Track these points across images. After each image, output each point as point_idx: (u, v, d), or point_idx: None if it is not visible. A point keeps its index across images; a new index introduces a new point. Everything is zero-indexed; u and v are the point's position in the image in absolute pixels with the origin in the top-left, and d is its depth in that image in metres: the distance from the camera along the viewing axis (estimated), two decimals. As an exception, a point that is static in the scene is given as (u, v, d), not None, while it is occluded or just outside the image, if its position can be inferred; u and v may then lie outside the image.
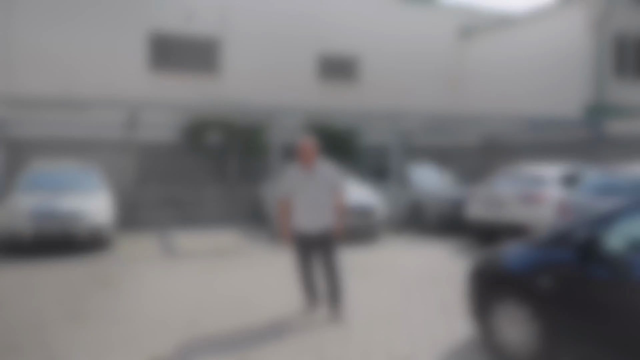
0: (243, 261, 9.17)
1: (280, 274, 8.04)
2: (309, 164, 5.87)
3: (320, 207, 5.81)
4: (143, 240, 11.45)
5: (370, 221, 11.28)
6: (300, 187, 5.85)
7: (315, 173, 5.87)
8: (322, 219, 5.81)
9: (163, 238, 11.77)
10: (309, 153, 5.85)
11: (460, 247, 10.74)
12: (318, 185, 5.85)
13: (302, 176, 5.89)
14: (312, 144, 5.92)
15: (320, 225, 5.79)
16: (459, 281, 7.54)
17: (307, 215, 5.81)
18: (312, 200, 5.80)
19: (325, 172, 5.93)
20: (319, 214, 5.80)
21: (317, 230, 5.79)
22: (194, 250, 10.28)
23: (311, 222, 5.80)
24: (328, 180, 5.90)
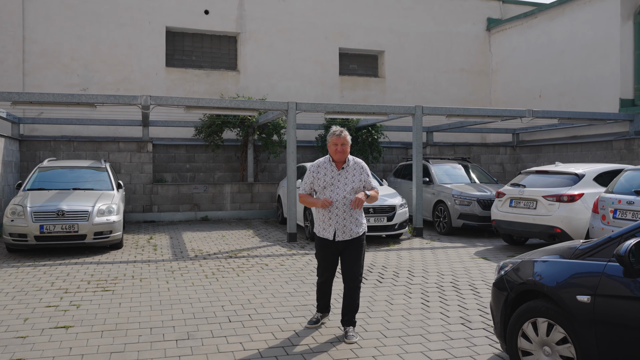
0: (254, 263, 8.70)
1: (291, 278, 7.55)
2: (341, 159, 5.16)
3: (345, 208, 5.11)
4: (155, 239, 11.09)
5: (392, 221, 10.72)
6: (328, 185, 5.15)
7: (345, 171, 5.18)
8: (351, 223, 5.13)
9: (175, 237, 11.39)
10: (341, 147, 5.10)
11: (486, 251, 10.10)
12: (348, 186, 5.14)
13: (330, 173, 5.17)
14: (346, 136, 5.15)
15: (348, 230, 5.13)
16: (484, 289, 6.95)
17: (334, 218, 5.11)
18: (345, 200, 5.11)
19: (357, 171, 5.22)
20: (350, 216, 5.12)
21: (345, 236, 5.13)
22: (205, 251, 9.86)
23: (339, 227, 5.11)
24: (360, 182, 5.18)
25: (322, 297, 5.48)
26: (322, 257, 5.28)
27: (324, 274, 5.33)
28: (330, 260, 5.28)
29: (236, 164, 16.09)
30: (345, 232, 5.12)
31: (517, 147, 17.96)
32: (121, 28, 15.70)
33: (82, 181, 10.56)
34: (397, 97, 18.13)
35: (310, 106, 11.24)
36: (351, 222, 5.13)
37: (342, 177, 5.16)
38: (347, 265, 5.16)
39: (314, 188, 5.26)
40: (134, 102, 10.22)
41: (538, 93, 17.28)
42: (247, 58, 16.87)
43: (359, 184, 5.17)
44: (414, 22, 18.58)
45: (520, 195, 9.89)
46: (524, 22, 18.00)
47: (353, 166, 5.23)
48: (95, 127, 15.17)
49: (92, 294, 6.69)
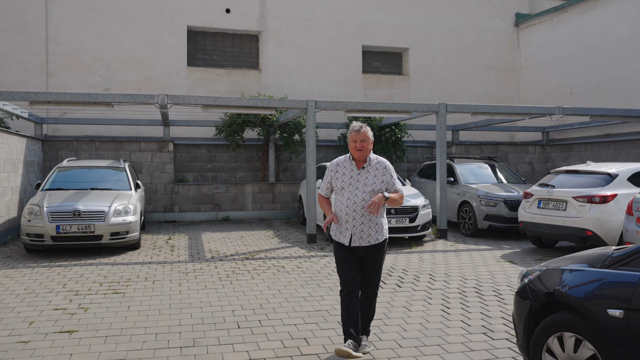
0: (270, 265, 8.47)
1: (307, 282, 7.29)
2: (362, 158, 4.68)
3: (363, 211, 4.59)
4: (173, 240, 10.97)
5: (414, 222, 10.38)
6: (347, 185, 4.66)
7: (366, 171, 4.68)
8: (370, 228, 4.62)
9: (194, 238, 11.25)
10: (361, 144, 4.61)
11: (513, 254, 9.68)
12: (368, 187, 4.63)
13: (350, 172, 4.69)
14: (366, 132, 4.65)
15: (366, 235, 4.62)
16: (508, 296, 6.58)
17: (352, 222, 4.60)
18: (360, 203, 4.58)
19: (379, 171, 4.69)
20: (369, 220, 4.61)
21: (362, 242, 4.62)
22: (222, 252, 9.68)
23: (356, 231, 4.61)
24: (382, 183, 4.66)
25: (348, 315, 4.57)
26: (340, 263, 4.69)
27: (347, 284, 4.63)
28: (351, 265, 4.66)
29: (257, 163, 15.92)
30: (363, 238, 4.61)
31: (546, 146, 17.37)
32: (143, 28, 15.68)
33: (100, 181, 10.50)
34: (422, 95, 17.72)
35: (330, 104, 10.97)
36: (370, 227, 4.61)
37: (362, 177, 4.65)
38: (364, 274, 4.73)
39: (333, 188, 4.83)
40: (151, 101, 10.11)
41: (569, 90, 16.67)
42: (269, 56, 16.68)
43: (380, 185, 4.65)
44: (440, 18, 18.13)
45: (549, 196, 9.45)
46: (554, 17, 17.40)
47: (375, 166, 4.71)
48: (117, 127, 15.17)
49: (102, 297, 6.55)
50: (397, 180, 4.79)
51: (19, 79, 14.48)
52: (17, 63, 14.64)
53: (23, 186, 11.69)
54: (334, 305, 6.21)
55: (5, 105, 10.88)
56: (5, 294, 6.63)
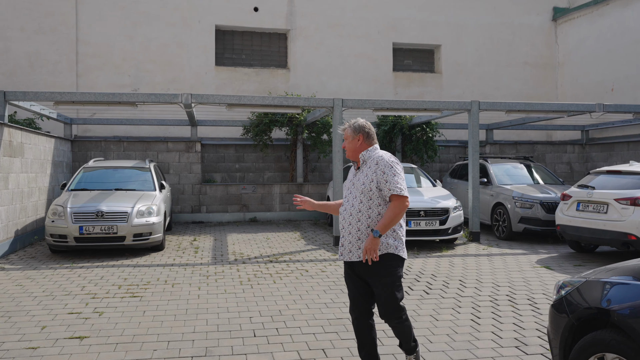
0: (294, 269, 8.21)
1: (330, 287, 6.99)
2: (353, 158, 4.02)
3: (357, 220, 3.85)
4: (199, 241, 10.82)
5: (445, 225, 9.97)
6: (347, 190, 4.03)
7: (361, 172, 3.93)
8: (359, 240, 3.84)
9: (219, 239, 11.08)
10: (346, 145, 4.04)
11: (549, 259, 9.18)
12: (358, 190, 3.89)
13: (351, 176, 4.06)
14: (346, 130, 4.02)
15: (355, 248, 3.85)
16: (544, 305, 6.15)
17: (341, 232, 3.98)
18: (349, 210, 3.91)
19: (371, 169, 3.85)
20: (357, 231, 3.85)
21: (351, 256, 3.88)
22: (246, 254, 9.47)
23: (345, 242, 3.92)
24: (371, 182, 3.81)
25: (360, 343, 4.01)
26: (345, 281, 4.07)
27: (351, 309, 4.02)
28: (355, 285, 3.97)
29: (286, 163, 15.71)
30: (352, 252, 3.86)
31: (586, 145, 16.65)
32: (171, 28, 15.65)
33: (125, 181, 10.43)
34: (455, 93, 17.22)
35: (357, 102, 10.64)
36: (359, 239, 3.82)
37: (357, 179, 3.95)
38: (376, 299, 3.91)
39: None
40: (175, 100, 9.97)
41: (610, 86, 15.94)
42: (297, 55, 16.45)
43: (369, 185, 3.80)
44: (473, 14, 17.59)
45: (589, 198, 8.92)
46: (594, 10, 16.67)
47: (369, 163, 3.90)
48: (146, 127, 15.17)
49: (119, 300, 6.39)
50: (395, 178, 3.77)
51: (50, 80, 14.62)
52: (47, 64, 14.78)
53: (51, 186, 11.74)
54: (356, 312, 5.89)
55: (32, 106, 10.92)
56: (23, 297, 6.54)
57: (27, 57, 14.65)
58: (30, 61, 14.68)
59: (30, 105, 10.77)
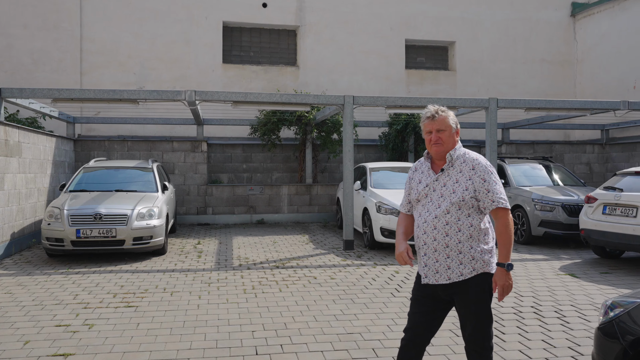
0: (301, 276, 7.73)
1: (340, 296, 6.50)
2: (440, 155, 3.29)
3: (445, 235, 3.23)
4: (203, 244, 10.38)
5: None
6: (422, 197, 3.35)
7: (446, 175, 3.28)
8: (449, 258, 3.24)
9: (224, 243, 10.63)
10: (437, 136, 3.26)
11: (573, 265, 8.63)
12: (445, 200, 3.24)
13: (426, 178, 3.35)
14: (445, 119, 3.27)
15: (443, 269, 3.26)
16: (574, 317, 5.59)
17: (423, 249, 3.33)
18: (432, 223, 3.26)
19: (464, 173, 3.24)
20: (446, 247, 3.23)
21: (438, 278, 3.27)
22: (252, 259, 9.00)
23: (429, 262, 3.30)
24: (466, 190, 3.20)
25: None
26: (411, 300, 3.46)
27: (408, 330, 3.42)
28: (420, 309, 3.36)
29: (294, 164, 15.23)
30: (440, 273, 3.25)
31: (606, 145, 16.02)
32: (178, 24, 15.24)
33: (126, 182, 10.00)
34: (470, 91, 16.66)
35: (369, 100, 10.14)
36: (449, 257, 3.22)
37: (440, 185, 3.28)
38: (462, 326, 3.29)
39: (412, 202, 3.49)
40: (178, 97, 9.53)
41: (632, 84, 15.31)
42: (307, 52, 15.97)
43: (463, 194, 3.18)
44: (489, 10, 17.01)
45: (617, 201, 8.35)
46: (615, 5, 16.03)
47: (459, 166, 3.25)
48: (150, 126, 14.77)
49: (112, 311, 5.94)
50: (497, 187, 3.18)
51: (54, 78, 14.25)
52: (51, 62, 14.42)
53: (52, 187, 11.35)
54: (368, 326, 5.41)
55: (32, 104, 10.52)
56: (10, 306, 6.11)
57: (30, 55, 14.30)
58: (34, 59, 14.33)
59: (29, 102, 10.38)
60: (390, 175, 11.15)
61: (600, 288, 7.04)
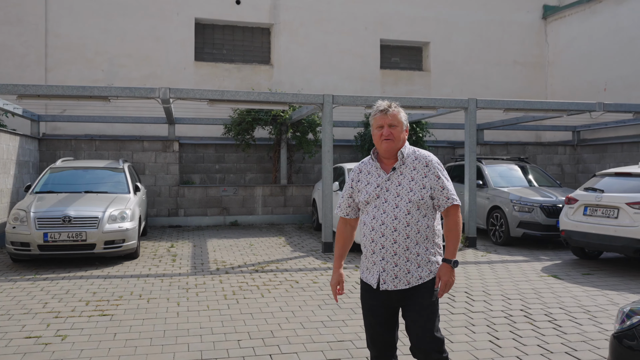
0: (282, 280, 7.47)
1: (325, 301, 6.27)
2: (390, 152, 3.14)
3: (406, 237, 3.07)
4: (176, 247, 10.01)
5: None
6: (373, 199, 3.14)
7: (399, 173, 3.13)
8: (408, 262, 3.09)
9: (199, 246, 10.29)
10: (389, 131, 3.09)
11: (554, 267, 8.60)
12: (402, 199, 3.09)
13: (376, 179, 3.16)
14: (397, 114, 3.12)
15: (403, 273, 3.09)
16: (565, 321, 5.48)
17: (380, 253, 3.11)
18: (391, 225, 3.08)
19: (419, 171, 3.12)
20: (406, 250, 3.08)
21: (397, 283, 3.09)
22: (229, 263, 8.70)
23: (387, 267, 3.10)
24: (423, 189, 3.09)
25: None
26: (365, 313, 3.24)
27: (373, 346, 3.23)
28: (373, 320, 3.19)
29: (268, 164, 14.94)
30: (399, 277, 3.07)
31: (577, 146, 16.23)
32: (148, 20, 14.77)
33: (96, 183, 9.57)
34: (444, 92, 16.66)
35: (349, 99, 9.96)
36: (408, 260, 3.07)
37: (394, 184, 3.10)
38: (413, 332, 3.09)
39: (357, 204, 3.27)
40: (152, 95, 9.16)
41: (602, 86, 15.53)
42: (281, 51, 15.70)
43: (421, 192, 3.07)
44: (463, 11, 17.04)
45: (598, 202, 8.35)
46: (586, 8, 16.26)
47: (412, 164, 3.13)
48: (120, 125, 14.27)
49: (86, 320, 5.57)
50: (449, 183, 3.14)
51: (16, 74, 13.61)
52: (14, 57, 13.78)
53: (15, 188, 10.80)
54: (358, 333, 5.19)
55: (-6, 100, 9.99)
56: (-27, 316, 5.69)
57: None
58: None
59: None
60: (368, 176, 10.96)
61: (586, 290, 7.00)
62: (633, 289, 7.03)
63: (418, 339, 3.07)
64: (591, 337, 5.12)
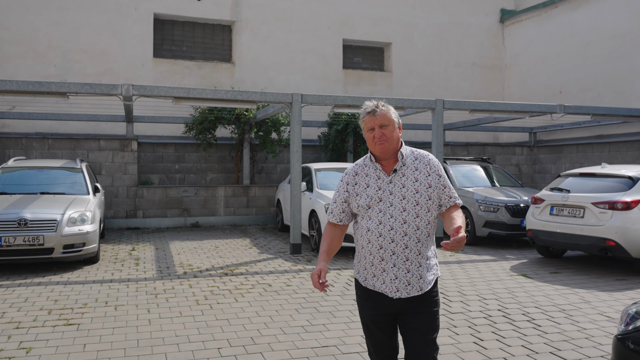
0: (254, 283, 7.26)
1: (302, 305, 6.10)
2: (387, 153, 2.98)
3: (417, 241, 2.92)
4: (138, 251, 9.62)
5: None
6: (375, 203, 2.96)
7: (401, 175, 2.98)
8: (419, 266, 2.93)
9: (162, 248, 9.92)
10: (380, 132, 2.92)
11: (522, 265, 8.71)
12: (408, 202, 2.93)
13: (376, 181, 2.99)
14: (387, 113, 2.95)
15: (415, 279, 2.92)
16: (543, 320, 5.50)
17: (389, 259, 2.93)
18: (400, 230, 2.90)
19: (421, 171, 2.98)
20: (414, 255, 2.92)
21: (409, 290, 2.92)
22: (196, 266, 8.41)
23: (400, 274, 2.92)
24: (429, 188, 2.95)
25: None
26: (366, 322, 3.08)
27: (376, 355, 3.11)
28: (377, 331, 3.04)
29: (230, 164, 14.63)
30: (412, 284, 2.90)
31: (534, 147, 16.63)
32: (104, 14, 14.20)
33: (53, 184, 9.08)
34: (405, 92, 16.75)
35: (318, 98, 9.82)
36: (417, 265, 2.92)
37: (397, 186, 2.95)
38: (413, 340, 2.92)
39: (353, 209, 3.07)
40: (114, 92, 8.76)
41: (558, 89, 15.96)
42: (243, 49, 15.41)
43: (426, 192, 2.94)
44: (423, 12, 17.19)
45: (564, 202, 8.50)
46: (542, 13, 16.68)
47: (412, 164, 2.98)
48: (74, 123, 13.67)
49: (50, 330, 5.22)
50: (449, 181, 3.06)
51: (-39, 68, 12.84)
52: (-42, 50, 12.99)
53: (-38, 189, 10.13)
54: (342, 338, 5.06)
55: (-61, 96, 9.34)
56: None
57: None
58: (-63, 46, 12.85)
59: None
60: (336, 176, 10.87)
61: (557, 288, 7.09)
62: (601, 287, 7.18)
63: (419, 348, 2.90)
64: (571, 337, 5.15)
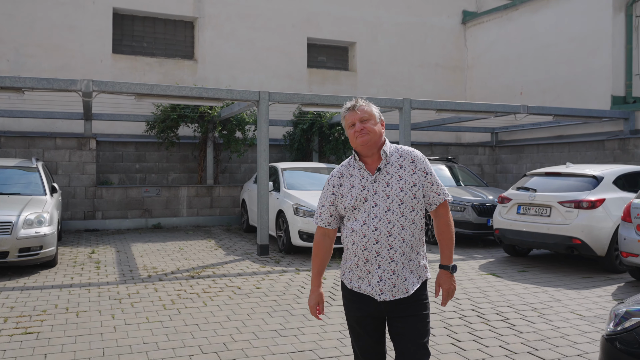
0: (223, 286, 7.04)
1: (273, 307, 5.93)
2: (369, 149, 2.88)
3: (402, 241, 2.82)
4: (98, 253, 9.24)
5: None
6: (360, 203, 2.85)
7: (385, 173, 2.86)
8: (404, 268, 2.83)
9: (123, 251, 9.57)
10: (361, 127, 2.85)
11: (490, 264, 8.77)
12: (393, 201, 2.82)
13: (360, 181, 2.88)
14: (366, 107, 2.89)
15: (400, 281, 2.82)
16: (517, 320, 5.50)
17: (375, 261, 2.83)
18: (385, 230, 2.81)
19: (406, 169, 2.86)
20: (398, 256, 2.82)
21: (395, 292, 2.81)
22: (161, 269, 8.12)
23: (385, 275, 2.81)
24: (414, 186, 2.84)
25: None
26: (352, 325, 2.97)
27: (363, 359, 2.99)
28: (364, 336, 2.93)
29: (193, 164, 14.29)
30: (397, 286, 2.80)
31: (496, 147, 16.89)
32: (60, 7, 13.65)
33: (6, 184, 8.63)
34: (370, 92, 16.74)
35: (285, 96, 9.66)
36: (404, 267, 2.82)
37: (382, 185, 2.84)
38: (402, 345, 2.82)
39: (340, 212, 2.96)
40: (73, 87, 8.37)
41: (518, 90, 16.25)
42: (206, 46, 15.09)
43: (413, 191, 2.83)
44: (388, 12, 17.22)
45: (531, 201, 8.59)
46: (503, 15, 16.95)
47: (397, 161, 2.87)
48: (28, 120, 13.09)
49: (7, 340, 4.89)
50: (437, 178, 2.92)
51: None
52: None
53: None
54: (317, 341, 4.92)
55: None
56: None
57: None
58: None
59: None
60: (303, 176, 10.74)
61: (526, 287, 7.14)
62: (569, 285, 7.26)
63: (409, 353, 2.79)
64: (547, 336, 5.16)
